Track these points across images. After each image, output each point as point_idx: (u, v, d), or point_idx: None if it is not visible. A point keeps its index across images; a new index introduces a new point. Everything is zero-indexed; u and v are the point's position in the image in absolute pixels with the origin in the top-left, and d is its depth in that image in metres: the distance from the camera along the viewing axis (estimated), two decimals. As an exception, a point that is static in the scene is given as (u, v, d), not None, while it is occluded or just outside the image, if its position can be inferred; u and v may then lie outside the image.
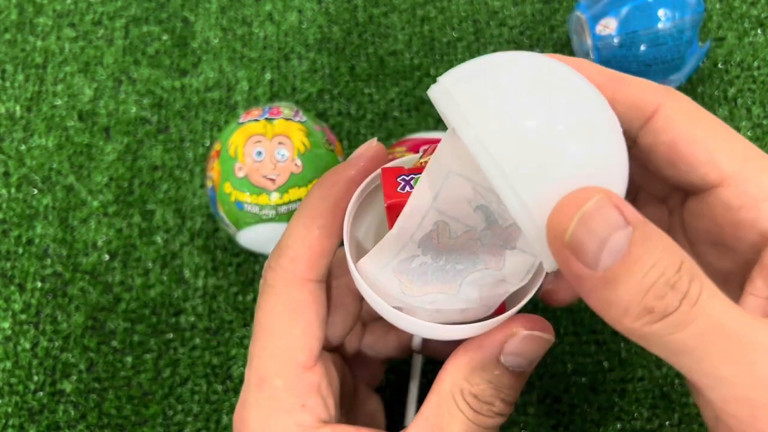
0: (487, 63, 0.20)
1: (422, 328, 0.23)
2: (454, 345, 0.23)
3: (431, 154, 0.23)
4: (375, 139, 0.25)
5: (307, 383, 0.23)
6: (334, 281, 0.27)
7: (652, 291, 0.18)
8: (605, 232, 0.18)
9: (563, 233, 0.18)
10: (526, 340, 0.23)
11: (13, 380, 0.37)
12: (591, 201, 0.18)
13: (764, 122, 0.41)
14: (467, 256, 0.22)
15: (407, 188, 0.22)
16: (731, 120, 0.41)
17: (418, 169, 0.23)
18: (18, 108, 0.43)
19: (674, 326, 0.18)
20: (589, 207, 0.18)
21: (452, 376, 0.23)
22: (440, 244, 0.22)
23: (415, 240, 0.22)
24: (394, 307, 0.23)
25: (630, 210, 0.18)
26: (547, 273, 0.28)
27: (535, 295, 0.24)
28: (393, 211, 0.22)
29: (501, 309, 0.24)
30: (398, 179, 0.23)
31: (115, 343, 0.38)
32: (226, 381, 0.37)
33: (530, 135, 0.18)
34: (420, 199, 0.21)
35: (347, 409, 0.28)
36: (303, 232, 0.24)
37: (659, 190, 0.26)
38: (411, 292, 0.23)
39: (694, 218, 0.24)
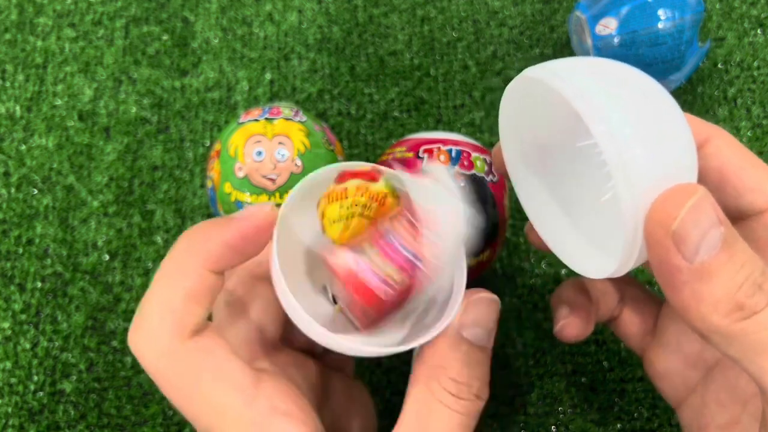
0: (582, 62, 0.22)
1: (389, 351, 0.23)
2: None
3: (354, 181, 0.23)
4: (272, 205, 0.23)
5: (259, 417, 0.21)
6: (241, 278, 0.26)
7: (743, 289, 0.18)
8: (707, 226, 0.19)
9: (670, 221, 0.19)
10: (478, 304, 0.23)
11: (13, 380, 0.37)
12: (698, 194, 0.19)
13: (764, 122, 0.41)
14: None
15: (374, 274, 0.21)
16: (731, 120, 0.41)
17: (363, 240, 0.22)
18: (18, 108, 0.43)
19: (760, 324, 0.18)
20: (697, 199, 0.19)
21: (426, 369, 0.23)
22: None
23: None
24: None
25: (720, 211, 0.19)
26: (561, 308, 0.28)
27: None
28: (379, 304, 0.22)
29: None
30: (373, 285, 0.22)
31: (115, 343, 0.38)
32: (226, 381, 0.37)
33: (645, 131, 0.20)
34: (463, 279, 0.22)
35: (326, 398, 0.28)
36: (164, 296, 0.22)
37: None
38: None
39: None
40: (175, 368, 0.21)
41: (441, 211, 0.21)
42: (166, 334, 0.21)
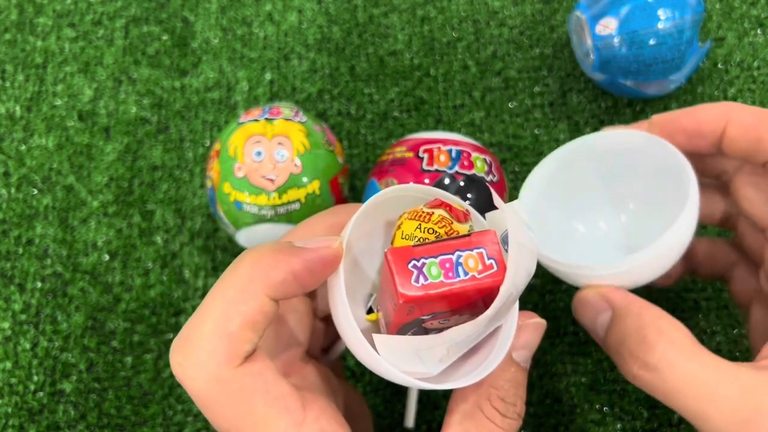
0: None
1: (458, 384, 0.23)
2: None
3: (441, 211, 0.22)
4: (340, 240, 0.23)
5: None
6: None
7: (641, 349, 0.25)
8: (592, 315, 0.27)
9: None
10: (532, 329, 0.25)
11: (13, 380, 0.37)
12: (579, 294, 0.28)
13: (764, 122, 0.41)
14: (501, 318, 0.23)
15: (421, 279, 0.21)
16: (731, 120, 0.41)
17: (429, 249, 0.21)
18: (18, 108, 0.43)
19: (652, 372, 0.25)
20: (578, 299, 0.28)
21: (476, 386, 0.23)
22: (500, 312, 0.22)
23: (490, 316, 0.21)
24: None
25: (616, 296, 0.27)
26: None
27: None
28: (407, 305, 0.21)
29: None
30: (409, 266, 0.21)
31: (115, 343, 0.38)
32: (226, 381, 0.37)
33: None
34: (509, 286, 0.20)
35: (344, 408, 0.28)
36: (221, 320, 0.21)
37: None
38: (449, 359, 0.23)
39: None
40: (225, 394, 0.21)
41: (516, 249, 0.21)
42: (219, 360, 0.21)
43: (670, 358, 0.24)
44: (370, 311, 0.25)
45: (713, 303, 0.37)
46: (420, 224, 0.22)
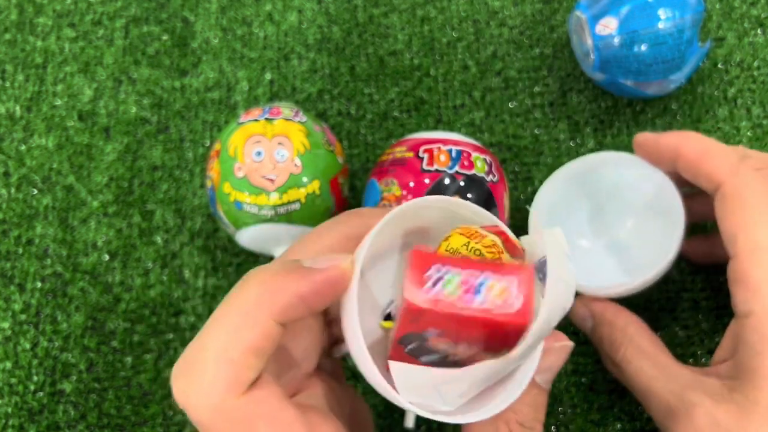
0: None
1: (483, 415, 0.22)
2: None
3: (496, 237, 0.21)
4: (352, 259, 0.21)
5: None
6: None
7: (604, 350, 0.31)
8: (581, 321, 0.33)
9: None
10: (558, 351, 0.25)
11: (13, 380, 0.37)
12: (570, 305, 0.32)
13: (764, 122, 0.41)
14: (530, 353, 0.22)
15: (434, 289, 0.19)
16: (731, 120, 0.41)
17: (459, 261, 0.20)
18: (18, 108, 0.43)
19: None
20: (573, 307, 0.33)
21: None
22: (529, 349, 0.21)
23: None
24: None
25: (596, 307, 0.32)
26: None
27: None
28: (411, 313, 0.19)
29: None
30: (428, 272, 0.19)
31: (115, 343, 0.38)
32: (226, 381, 0.37)
33: None
34: (542, 325, 0.19)
35: (350, 418, 0.28)
36: (224, 346, 0.20)
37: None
38: (470, 394, 0.22)
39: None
40: (230, 422, 0.20)
41: (554, 284, 0.19)
42: (222, 388, 0.20)
43: (629, 358, 0.29)
44: (388, 317, 0.24)
45: (713, 303, 0.37)
46: (469, 242, 0.21)
